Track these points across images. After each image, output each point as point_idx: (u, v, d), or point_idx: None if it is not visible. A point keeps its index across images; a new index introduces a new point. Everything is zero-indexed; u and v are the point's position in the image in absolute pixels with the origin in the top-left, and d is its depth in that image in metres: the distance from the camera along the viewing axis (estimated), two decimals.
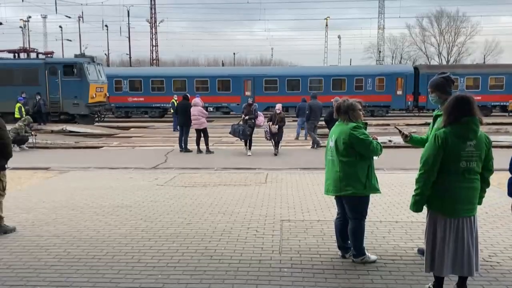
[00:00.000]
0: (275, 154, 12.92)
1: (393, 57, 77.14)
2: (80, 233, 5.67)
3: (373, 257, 4.70)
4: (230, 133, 13.55)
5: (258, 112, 13.47)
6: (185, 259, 4.74)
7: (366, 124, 4.67)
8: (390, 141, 16.72)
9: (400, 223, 6.07)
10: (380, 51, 70.62)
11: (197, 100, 13.58)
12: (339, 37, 77.05)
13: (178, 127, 15.08)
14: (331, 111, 11.80)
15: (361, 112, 4.63)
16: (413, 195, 3.85)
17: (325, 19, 72.14)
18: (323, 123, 13.97)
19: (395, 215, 6.46)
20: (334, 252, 4.92)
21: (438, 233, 3.79)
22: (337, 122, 4.74)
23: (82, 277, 4.29)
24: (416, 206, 3.86)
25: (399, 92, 30.66)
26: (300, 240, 5.37)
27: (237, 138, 14.06)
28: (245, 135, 13.05)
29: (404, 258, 4.79)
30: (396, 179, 9.11)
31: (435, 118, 4.49)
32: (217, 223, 6.06)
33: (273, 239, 5.40)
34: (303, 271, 4.43)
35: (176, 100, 21.88)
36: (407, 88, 30.64)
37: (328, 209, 6.71)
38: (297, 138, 17.94)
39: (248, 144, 13.21)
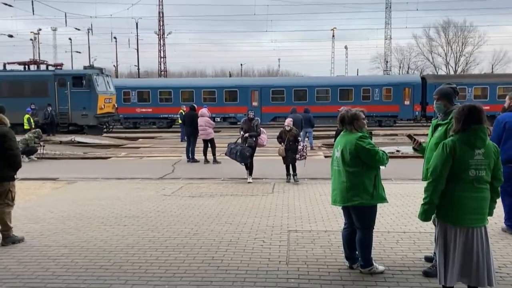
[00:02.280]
0: (296, 181, 10.13)
1: (400, 67, 76.98)
2: (87, 243, 5.69)
3: (381, 267, 4.67)
4: (225, 154, 10.80)
5: (261, 129, 10.79)
6: (192, 270, 4.74)
7: (371, 133, 4.70)
8: (397, 151, 16.67)
9: (408, 233, 6.02)
10: (387, 61, 70.52)
11: (204, 110, 13.64)
12: (345, 47, 77.16)
13: (185, 137, 15.11)
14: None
15: (364, 121, 4.65)
16: (422, 204, 3.85)
17: (331, 29, 72.28)
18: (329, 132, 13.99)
19: (403, 225, 6.42)
20: (341, 263, 4.89)
21: (449, 243, 3.78)
22: (342, 132, 4.75)
23: (89, 287, 4.30)
24: (424, 215, 3.85)
25: (407, 102, 30.62)
26: (307, 250, 5.35)
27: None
28: (244, 157, 10.17)
29: (412, 269, 4.75)
30: (404, 190, 9.06)
31: (436, 127, 4.54)
32: (223, 234, 6.05)
33: (280, 249, 5.38)
34: (310, 282, 4.41)
35: (184, 111, 21.99)
36: (415, 98, 30.60)
37: (335, 219, 6.68)
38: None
39: (249, 168, 10.44)
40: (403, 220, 6.68)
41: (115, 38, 60.13)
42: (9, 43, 54.04)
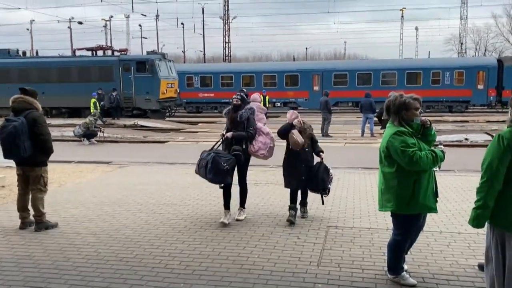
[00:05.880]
0: (303, 213, 6.17)
1: (476, 49, 71.74)
2: (117, 232, 5.56)
3: (411, 280, 4.01)
4: (195, 171, 6.00)
5: (258, 125, 6.32)
6: (214, 267, 4.42)
7: (422, 126, 3.86)
8: (466, 139, 15.41)
9: (463, 234, 5.32)
10: (462, 43, 65.97)
11: (255, 95, 13.12)
12: (416, 28, 73.11)
13: None
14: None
15: (417, 112, 3.82)
16: (473, 208, 3.24)
17: (400, 10, 68.62)
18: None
19: (458, 225, 5.70)
20: (380, 267, 4.37)
21: (508, 256, 3.14)
22: (388, 123, 4.06)
23: (104, 281, 4.12)
24: (477, 221, 3.24)
25: (480, 86, 28.36)
26: (344, 250, 4.86)
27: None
28: (217, 172, 5.61)
29: (462, 278, 4.13)
30: (467, 183, 8.20)
31: None
32: (257, 227, 5.70)
33: (314, 248, 4.93)
34: None
35: None
36: (490, 82, 28.28)
37: (383, 216, 6.06)
38: (362, 135, 17.09)
39: (240, 195, 6.15)
40: (459, 219, 5.95)
41: (182, 24, 61.23)
42: (79, 30, 56.64)
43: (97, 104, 23.05)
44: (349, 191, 7.68)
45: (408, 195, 3.76)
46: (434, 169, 3.89)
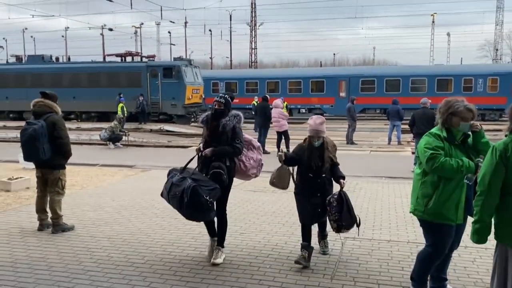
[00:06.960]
0: (323, 249, 5.03)
1: None
2: (131, 236, 5.54)
3: None
4: (161, 195, 5.03)
5: (247, 137, 5.09)
6: (224, 276, 4.33)
7: (466, 136, 3.61)
8: None
9: (490, 250, 4.98)
10: (497, 49, 64.20)
11: (277, 101, 13.21)
12: (448, 34, 71.71)
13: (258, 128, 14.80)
14: (413, 114, 10.71)
15: (464, 123, 3.51)
16: (472, 222, 3.10)
17: (431, 15, 67.42)
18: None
19: None
20: (397, 283, 4.18)
21: (510, 271, 2.97)
22: None
23: (111, 287, 4.08)
24: (477, 236, 3.09)
25: None
26: (361, 264, 4.68)
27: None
28: (199, 210, 4.41)
29: None
30: None
31: None
32: (272, 235, 5.58)
33: (329, 260, 4.77)
34: None
35: (257, 102, 21.85)
36: None
37: (404, 228, 5.87)
38: (389, 143, 16.74)
39: (218, 230, 4.93)
40: None
41: (210, 30, 61.76)
42: (110, 37, 57.98)
43: (125, 109, 23.41)
44: (370, 201, 7.46)
45: (426, 200, 3.59)
46: (466, 181, 3.61)
